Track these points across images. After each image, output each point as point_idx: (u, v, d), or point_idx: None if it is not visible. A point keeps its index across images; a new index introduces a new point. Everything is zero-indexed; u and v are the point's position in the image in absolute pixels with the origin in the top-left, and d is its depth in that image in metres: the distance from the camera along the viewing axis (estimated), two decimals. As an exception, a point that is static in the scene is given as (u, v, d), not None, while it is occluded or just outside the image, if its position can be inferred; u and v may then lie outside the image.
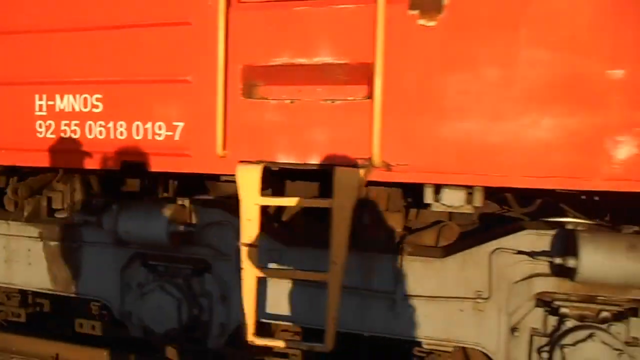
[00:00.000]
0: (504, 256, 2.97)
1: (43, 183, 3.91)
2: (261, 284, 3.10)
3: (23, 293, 4.26)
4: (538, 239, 2.91)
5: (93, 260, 3.61)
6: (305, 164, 2.75)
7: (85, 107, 3.06)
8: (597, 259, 2.61)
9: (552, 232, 2.87)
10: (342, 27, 2.67)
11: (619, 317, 2.89)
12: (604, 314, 2.90)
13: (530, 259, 2.89)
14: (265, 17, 2.79)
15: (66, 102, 3.09)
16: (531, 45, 2.47)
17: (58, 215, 3.85)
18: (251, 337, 2.81)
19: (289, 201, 2.76)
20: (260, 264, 2.94)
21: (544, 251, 2.85)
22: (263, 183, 2.75)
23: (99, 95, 3.03)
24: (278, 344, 2.87)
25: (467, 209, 2.74)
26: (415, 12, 2.58)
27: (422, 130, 2.62)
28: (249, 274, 2.77)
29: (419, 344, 3.17)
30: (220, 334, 3.41)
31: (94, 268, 3.62)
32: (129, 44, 2.97)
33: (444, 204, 2.72)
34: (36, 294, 4.29)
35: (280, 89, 2.81)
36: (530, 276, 2.93)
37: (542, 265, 2.90)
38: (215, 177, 3.44)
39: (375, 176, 2.68)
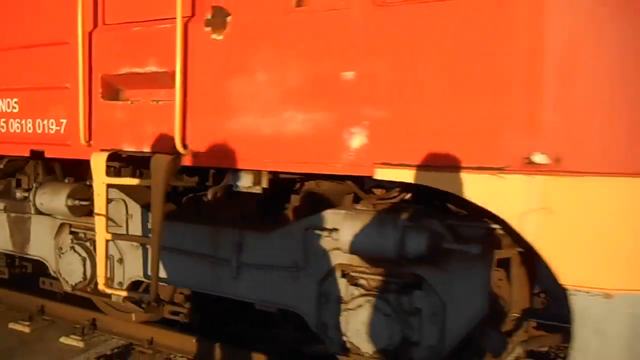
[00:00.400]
0: (314, 232, 3.45)
1: (16, 167, 5.00)
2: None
3: (11, 256, 5.43)
4: (336, 217, 3.34)
5: (36, 228, 4.62)
6: (139, 151, 3.48)
7: (8, 108, 4.03)
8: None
9: (344, 211, 3.30)
10: (163, 42, 3.34)
11: (405, 288, 3.26)
12: (392, 286, 3.28)
13: (331, 234, 3.35)
14: (116, 37, 3.55)
15: (-2, 105, 4.11)
16: (288, 53, 2.98)
17: (25, 194, 4.92)
18: (102, 287, 3.60)
19: (125, 180, 3.49)
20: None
21: (335, 228, 3.30)
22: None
23: (16, 99, 3.99)
24: (121, 293, 3.63)
25: (257, 189, 3.30)
26: (209, 29, 3.19)
27: (218, 124, 3.22)
28: (100, 236, 3.56)
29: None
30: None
31: (37, 234, 4.62)
32: (33, 60, 3.88)
33: (239, 185, 3.30)
34: (22, 258, 5.43)
35: (125, 92, 3.56)
36: (332, 250, 3.39)
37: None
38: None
39: (185, 161, 3.33)
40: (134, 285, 4.14)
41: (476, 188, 2.60)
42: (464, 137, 2.60)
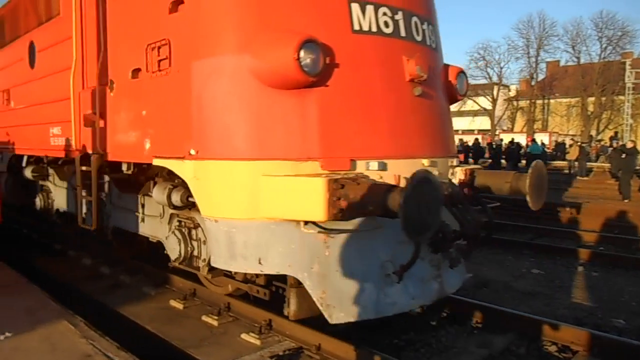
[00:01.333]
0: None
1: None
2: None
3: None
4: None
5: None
6: (93, 153, 6.73)
7: (58, 132, 7.71)
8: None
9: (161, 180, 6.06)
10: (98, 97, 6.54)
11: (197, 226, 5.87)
12: (190, 225, 5.91)
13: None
14: (88, 94, 6.89)
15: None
16: (131, 102, 5.91)
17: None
18: (80, 224, 6.96)
19: (84, 167, 6.77)
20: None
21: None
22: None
23: (60, 127, 7.65)
24: (86, 226, 6.92)
25: (129, 172, 6.26)
26: (109, 90, 6.29)
27: (115, 138, 6.28)
28: (79, 192, 6.91)
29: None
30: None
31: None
32: (61, 107, 7.46)
33: (123, 170, 6.33)
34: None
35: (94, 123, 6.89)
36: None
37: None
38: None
39: (106, 158, 6.46)
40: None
41: (177, 167, 5.20)
42: (172, 142, 5.23)
